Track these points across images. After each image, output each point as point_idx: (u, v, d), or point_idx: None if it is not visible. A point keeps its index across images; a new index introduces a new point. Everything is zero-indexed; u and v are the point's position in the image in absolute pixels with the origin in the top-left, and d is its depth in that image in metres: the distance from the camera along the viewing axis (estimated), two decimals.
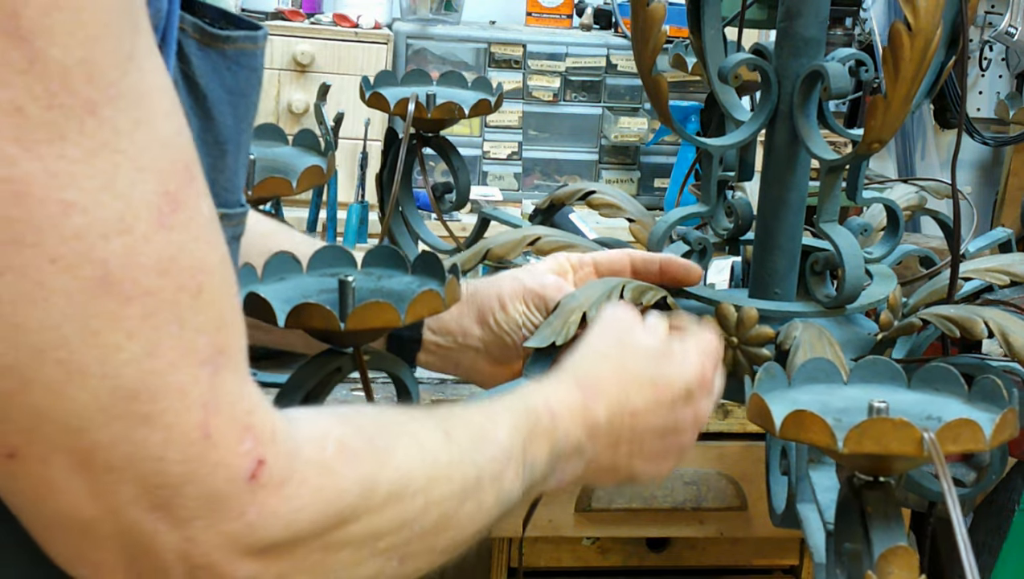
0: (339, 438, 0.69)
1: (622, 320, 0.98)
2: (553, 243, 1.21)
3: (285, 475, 0.64)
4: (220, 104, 0.74)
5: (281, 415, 0.67)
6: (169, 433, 0.60)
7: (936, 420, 0.80)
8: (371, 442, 0.71)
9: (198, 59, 0.72)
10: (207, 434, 0.61)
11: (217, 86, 0.73)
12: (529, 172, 3.25)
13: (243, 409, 0.63)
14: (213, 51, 0.73)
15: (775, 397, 0.85)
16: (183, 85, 0.72)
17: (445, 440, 0.76)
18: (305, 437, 0.67)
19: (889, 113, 1.05)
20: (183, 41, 0.71)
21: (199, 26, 0.72)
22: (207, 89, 0.73)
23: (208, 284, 0.62)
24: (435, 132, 1.40)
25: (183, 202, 0.61)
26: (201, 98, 0.73)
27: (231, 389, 0.63)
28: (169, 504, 0.61)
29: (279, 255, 0.94)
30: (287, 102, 2.65)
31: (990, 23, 3.06)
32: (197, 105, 0.73)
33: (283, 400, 0.91)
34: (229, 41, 0.74)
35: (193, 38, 0.72)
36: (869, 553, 0.77)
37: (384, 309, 0.84)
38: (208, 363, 0.62)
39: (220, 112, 0.74)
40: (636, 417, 0.92)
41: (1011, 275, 1.22)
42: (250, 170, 1.18)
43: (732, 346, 1.12)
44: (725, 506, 1.87)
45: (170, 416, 0.60)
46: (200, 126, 0.73)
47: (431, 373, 1.82)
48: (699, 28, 1.20)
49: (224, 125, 0.74)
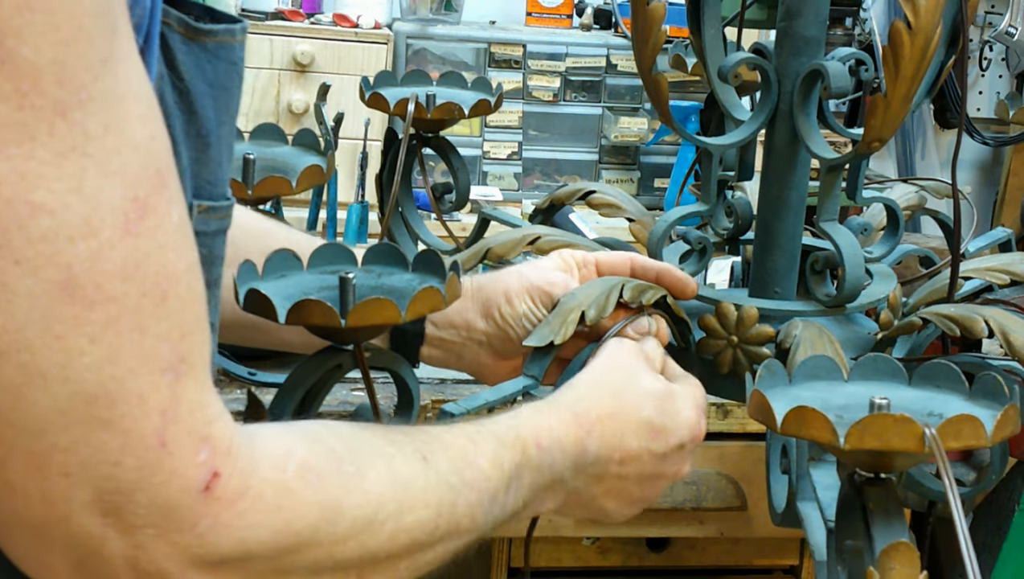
0: (303, 459, 0.68)
1: (629, 357, 0.97)
2: (553, 243, 1.21)
3: (240, 490, 0.64)
4: (203, 98, 0.74)
5: (243, 430, 0.66)
6: (126, 438, 0.60)
7: (937, 416, 0.80)
8: (340, 465, 0.70)
9: (183, 54, 0.72)
10: (163, 442, 0.61)
11: (200, 80, 0.73)
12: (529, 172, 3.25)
13: (202, 419, 0.63)
14: (196, 45, 0.73)
15: (776, 394, 0.85)
16: (168, 79, 0.72)
17: (423, 465, 0.75)
18: (266, 455, 0.66)
19: (889, 112, 1.05)
20: (168, 35, 0.71)
21: (183, 20, 0.72)
22: (191, 83, 0.73)
23: (173, 292, 0.62)
24: (435, 132, 1.40)
25: (152, 208, 0.61)
26: (185, 92, 0.73)
27: (191, 398, 0.62)
28: (120, 510, 0.61)
29: (280, 252, 0.94)
30: (287, 102, 2.66)
31: (990, 23, 3.06)
32: (181, 99, 0.73)
33: (282, 398, 0.91)
34: (210, 35, 0.73)
35: (178, 32, 0.72)
36: (870, 549, 0.77)
37: (385, 306, 0.84)
38: (169, 371, 0.61)
39: (203, 106, 0.74)
40: (625, 462, 0.91)
41: (1011, 274, 1.22)
42: (250, 170, 1.18)
43: (732, 345, 1.12)
44: (725, 506, 1.87)
45: (128, 421, 0.60)
46: (184, 120, 0.73)
47: (432, 372, 1.83)
48: (699, 28, 1.20)
49: (207, 119, 0.74)
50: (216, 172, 0.76)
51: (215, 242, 0.79)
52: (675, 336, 1.12)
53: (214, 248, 0.79)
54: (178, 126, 0.73)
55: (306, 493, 0.67)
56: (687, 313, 1.12)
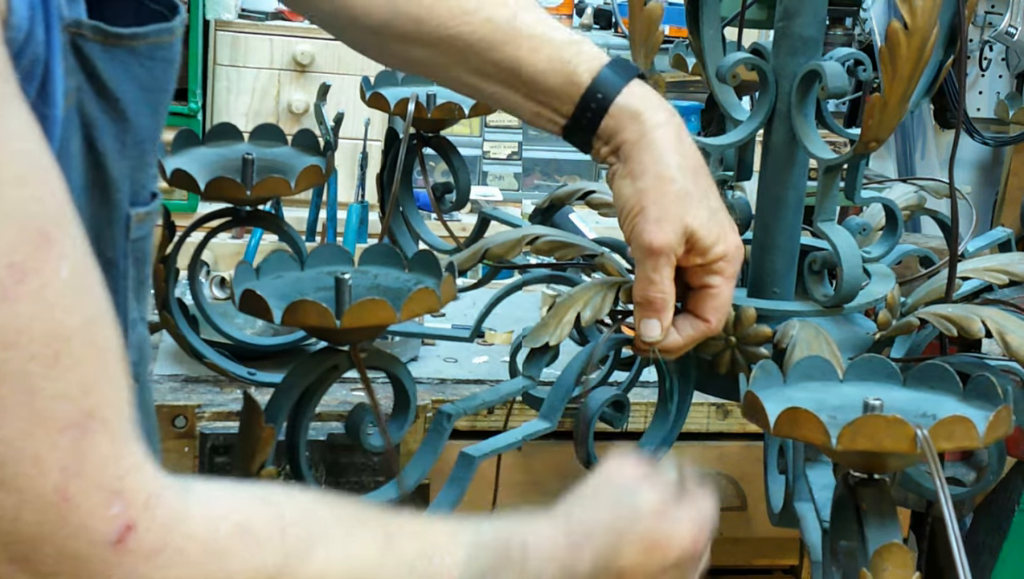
0: (242, 522, 0.67)
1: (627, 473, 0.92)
2: (553, 243, 1.21)
3: (158, 544, 0.63)
4: (136, 104, 0.73)
5: (178, 484, 0.66)
6: (21, 496, 0.60)
7: (930, 417, 0.80)
8: (284, 533, 0.68)
9: (104, 62, 0.71)
10: (66, 497, 0.61)
11: (131, 86, 0.72)
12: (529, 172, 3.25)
13: (114, 473, 0.62)
14: (121, 50, 0.72)
15: (770, 394, 0.85)
16: (90, 90, 0.71)
17: (383, 547, 0.73)
18: (199, 513, 0.65)
19: (886, 112, 1.05)
20: (85, 47, 0.70)
21: (100, 28, 0.71)
22: (119, 92, 0.72)
23: (66, 350, 0.61)
24: (435, 132, 1.40)
25: (33, 270, 0.60)
26: (114, 102, 0.72)
27: (101, 453, 0.62)
28: (28, 558, 0.61)
29: (276, 253, 0.94)
30: (287, 102, 2.66)
31: (990, 23, 3.06)
32: (111, 109, 0.72)
33: (279, 399, 0.91)
34: (138, 38, 0.72)
35: (95, 41, 0.71)
36: (864, 550, 0.77)
37: (380, 306, 0.84)
38: (72, 428, 0.61)
39: (136, 112, 0.73)
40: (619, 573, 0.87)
41: (1010, 275, 1.22)
42: (249, 170, 1.18)
43: (730, 346, 1.12)
44: (725, 506, 1.86)
45: (22, 480, 0.60)
46: (117, 129, 0.72)
47: (431, 372, 1.84)
48: (698, 28, 1.20)
49: (142, 125, 0.74)
50: (151, 173, 0.76)
51: (146, 243, 0.79)
52: None
53: (146, 249, 0.79)
54: (108, 139, 0.72)
55: (238, 554, 0.66)
56: None
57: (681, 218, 0.99)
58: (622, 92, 1.00)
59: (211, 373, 1.67)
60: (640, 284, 1.01)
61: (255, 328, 1.81)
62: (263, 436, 0.86)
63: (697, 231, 1.00)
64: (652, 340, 1.02)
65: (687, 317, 1.03)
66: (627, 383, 1.26)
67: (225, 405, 1.69)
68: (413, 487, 1.00)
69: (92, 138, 0.72)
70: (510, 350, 1.30)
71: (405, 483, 0.99)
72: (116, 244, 0.77)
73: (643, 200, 1.00)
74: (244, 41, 2.65)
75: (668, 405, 1.13)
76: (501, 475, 1.53)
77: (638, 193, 1.00)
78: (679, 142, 1.01)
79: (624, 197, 1.01)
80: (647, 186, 1.00)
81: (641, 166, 1.00)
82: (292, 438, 0.93)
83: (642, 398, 1.73)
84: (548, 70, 1.01)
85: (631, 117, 1.00)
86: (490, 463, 1.23)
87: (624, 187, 1.01)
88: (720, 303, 1.03)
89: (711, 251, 1.01)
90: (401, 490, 0.94)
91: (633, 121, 1.00)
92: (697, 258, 1.01)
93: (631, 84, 1.01)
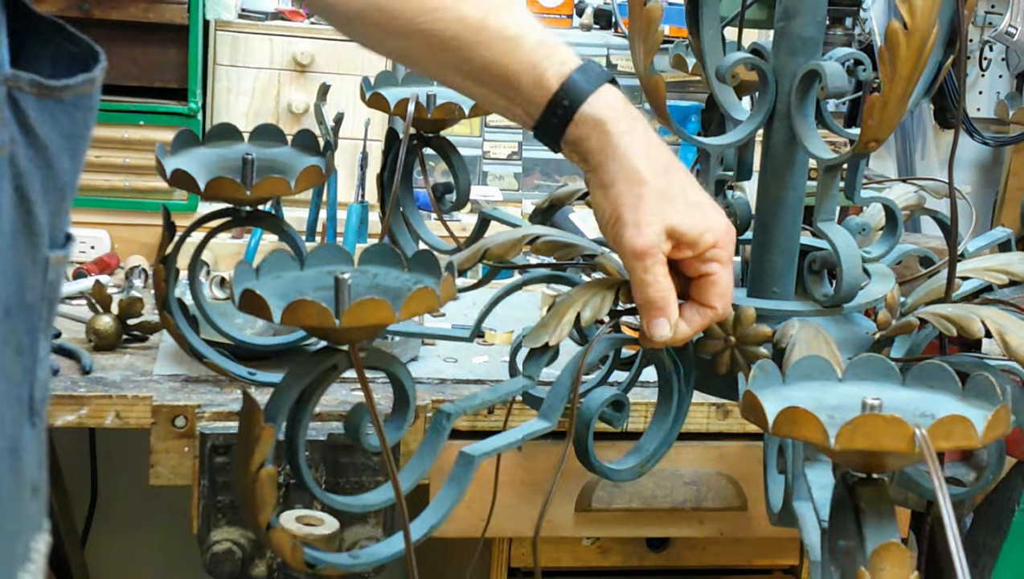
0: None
1: None
2: (553, 243, 1.21)
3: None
4: (59, 152, 0.75)
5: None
6: None
7: (929, 417, 0.81)
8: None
9: (36, 112, 0.73)
10: None
11: (56, 134, 0.74)
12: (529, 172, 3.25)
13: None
14: (50, 100, 0.74)
15: (769, 394, 0.85)
16: (23, 142, 0.72)
17: None
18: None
19: (886, 112, 1.05)
20: (20, 98, 0.72)
21: (36, 81, 0.73)
22: (47, 140, 0.74)
23: None
24: (435, 132, 1.40)
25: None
26: (42, 150, 0.74)
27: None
28: None
29: (276, 253, 0.94)
30: (287, 102, 2.65)
31: (990, 23, 3.05)
32: (38, 157, 0.74)
33: (278, 399, 0.91)
34: (66, 89, 0.74)
35: (31, 93, 0.73)
36: (862, 549, 0.77)
37: (379, 306, 0.84)
38: None
39: (59, 159, 0.75)
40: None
41: (1010, 274, 1.22)
42: (249, 170, 1.18)
43: (730, 345, 1.12)
44: (725, 506, 1.87)
45: None
46: (42, 177, 0.74)
47: (430, 372, 1.84)
48: (698, 28, 1.20)
49: (63, 171, 0.75)
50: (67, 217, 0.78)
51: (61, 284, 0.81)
52: None
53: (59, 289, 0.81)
54: (35, 186, 0.74)
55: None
56: None
57: (660, 218, 1.00)
58: (588, 100, 1.02)
59: (211, 373, 1.67)
60: (638, 289, 1.02)
61: (255, 328, 1.81)
62: (262, 435, 0.86)
63: (679, 227, 1.01)
64: (663, 339, 1.03)
65: (692, 306, 1.04)
66: (627, 383, 1.26)
67: (225, 405, 1.69)
68: (412, 487, 1.00)
69: (22, 187, 0.74)
70: (510, 350, 1.30)
71: (405, 483, 0.99)
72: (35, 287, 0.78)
73: (618, 207, 1.01)
74: (244, 41, 2.64)
75: (668, 405, 1.13)
76: (501, 475, 1.53)
77: (612, 201, 1.02)
78: (646, 145, 1.02)
79: (600, 208, 1.03)
80: (619, 193, 1.01)
81: (610, 175, 1.01)
82: (291, 437, 0.93)
83: (642, 398, 1.73)
84: (519, 72, 1.02)
85: (595, 125, 1.01)
86: (490, 463, 1.23)
87: (598, 198, 1.03)
88: (722, 289, 1.04)
89: (700, 242, 1.02)
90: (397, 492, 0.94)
91: (597, 130, 1.02)
92: (688, 251, 1.02)
93: (599, 91, 1.02)
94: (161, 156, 1.21)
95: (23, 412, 0.81)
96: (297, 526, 1.52)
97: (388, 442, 0.93)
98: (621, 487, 1.82)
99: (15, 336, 0.78)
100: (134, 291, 2.08)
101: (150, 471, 1.71)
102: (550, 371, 1.08)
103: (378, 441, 0.93)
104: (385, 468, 1.30)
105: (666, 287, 1.01)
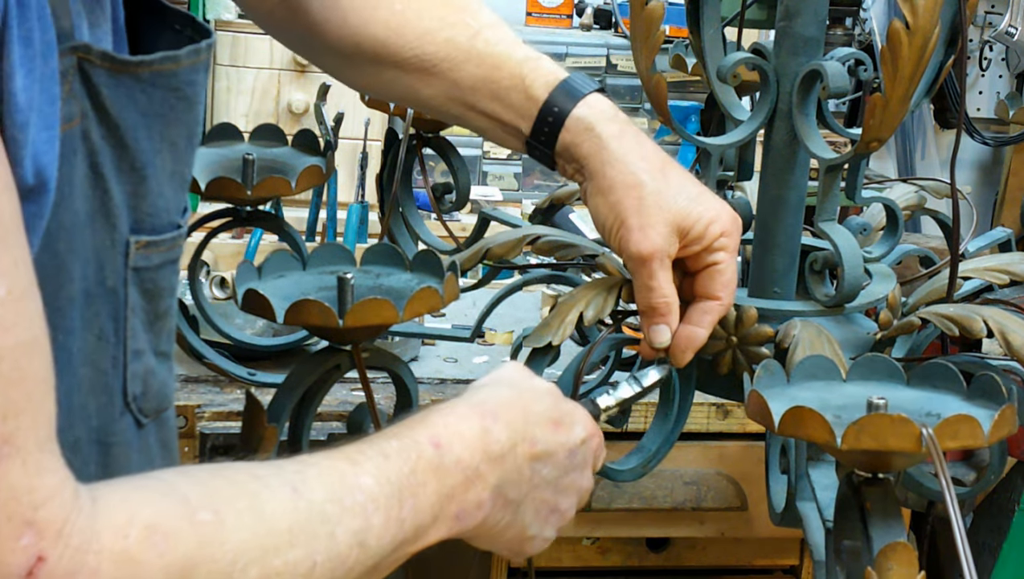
0: (148, 521, 0.66)
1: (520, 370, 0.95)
2: (553, 243, 1.21)
3: (71, 569, 0.62)
4: (134, 130, 0.73)
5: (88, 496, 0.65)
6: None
7: (935, 417, 0.80)
8: (193, 517, 0.68)
9: (109, 88, 0.72)
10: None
11: (132, 112, 0.73)
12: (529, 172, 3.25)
13: (27, 503, 0.62)
14: (127, 76, 0.73)
15: (774, 394, 0.85)
16: (94, 116, 0.71)
17: (292, 498, 0.72)
18: (107, 524, 0.65)
19: (887, 112, 1.05)
20: (91, 72, 0.71)
21: (108, 55, 0.72)
22: (119, 117, 0.72)
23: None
24: (435, 132, 1.40)
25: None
26: (114, 127, 0.72)
27: (13, 482, 0.61)
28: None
29: (278, 253, 0.94)
30: (287, 102, 2.66)
31: (990, 23, 3.06)
32: (110, 135, 0.72)
33: (281, 398, 0.91)
34: (143, 65, 0.73)
35: (103, 67, 0.71)
36: (868, 549, 0.77)
37: (382, 306, 0.84)
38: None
39: (134, 138, 0.73)
40: (535, 452, 0.88)
41: (1011, 274, 1.22)
42: (249, 170, 1.18)
43: (732, 345, 1.12)
44: (725, 506, 1.87)
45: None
46: (115, 155, 0.73)
47: (431, 372, 1.84)
48: (698, 28, 1.20)
49: (140, 150, 0.74)
50: (157, 203, 0.76)
51: (160, 275, 0.78)
52: None
53: (159, 280, 0.78)
54: (108, 163, 0.72)
55: (150, 557, 0.65)
56: None
57: (664, 218, 1.00)
58: (577, 105, 1.02)
59: (211, 373, 1.67)
60: (641, 293, 1.01)
61: (255, 328, 1.81)
62: (266, 435, 0.86)
63: (684, 221, 1.00)
64: (662, 345, 1.03)
65: (696, 307, 1.03)
66: None
67: (225, 405, 1.69)
68: None
69: (97, 164, 0.73)
70: (510, 350, 1.30)
71: None
72: (117, 271, 0.76)
73: (621, 213, 1.01)
74: (244, 41, 2.65)
75: (669, 405, 1.13)
76: None
77: (613, 208, 1.01)
78: (639, 146, 1.02)
79: (602, 215, 1.02)
80: (619, 198, 1.01)
81: (608, 181, 1.01)
82: (295, 437, 0.93)
83: (642, 398, 1.73)
84: (509, 87, 1.03)
85: (586, 130, 1.01)
86: None
87: (599, 205, 1.02)
88: (728, 278, 1.03)
89: (708, 232, 1.01)
90: None
91: (588, 134, 1.01)
92: (696, 246, 1.01)
93: (587, 98, 1.02)
94: None
95: (113, 404, 0.78)
96: None
97: None
98: (621, 487, 1.82)
99: (97, 321, 0.76)
100: None
101: None
102: (550, 371, 1.07)
103: None
104: None
105: (670, 293, 1.01)
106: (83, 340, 0.75)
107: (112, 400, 0.78)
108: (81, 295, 0.74)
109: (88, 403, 0.77)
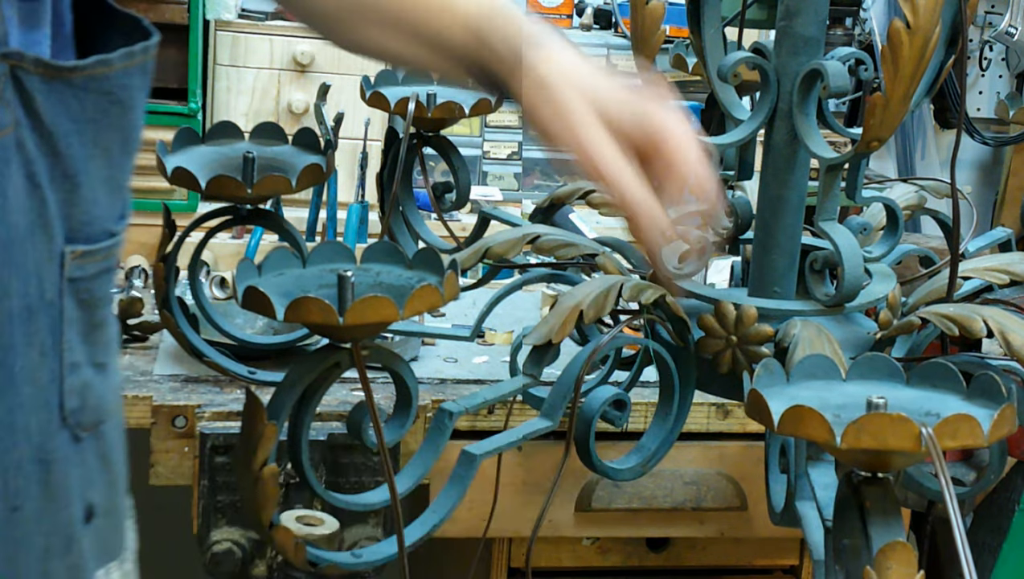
0: None
1: None
2: (553, 242, 1.21)
3: None
4: (67, 137, 0.72)
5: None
6: None
7: (934, 416, 0.80)
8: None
9: (43, 95, 0.71)
10: None
11: (63, 118, 0.71)
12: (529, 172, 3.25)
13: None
14: (60, 82, 0.71)
15: (773, 393, 0.85)
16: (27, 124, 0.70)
17: None
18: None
19: (888, 111, 1.05)
20: (25, 79, 0.70)
21: (41, 61, 0.70)
22: (53, 124, 0.71)
23: None
24: (435, 132, 1.40)
25: None
26: (47, 135, 0.71)
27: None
28: None
29: (278, 250, 0.94)
30: (287, 102, 2.65)
31: (990, 23, 3.06)
32: (43, 143, 0.71)
33: (280, 397, 0.90)
34: (76, 70, 0.72)
35: (36, 74, 0.70)
36: (868, 549, 0.77)
37: (382, 304, 0.84)
38: None
39: (67, 145, 0.72)
40: None
41: (1011, 274, 1.22)
42: (249, 169, 1.18)
43: (731, 345, 1.12)
44: (725, 506, 1.87)
45: None
46: (49, 163, 0.71)
47: (431, 372, 1.84)
48: (699, 28, 1.20)
49: (72, 157, 0.72)
50: (91, 211, 0.74)
51: (96, 285, 0.77)
52: (673, 336, 1.12)
53: (95, 290, 0.77)
54: (43, 172, 0.71)
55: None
56: (686, 312, 1.12)
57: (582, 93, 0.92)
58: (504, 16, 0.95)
59: (211, 373, 1.67)
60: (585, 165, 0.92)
61: (255, 327, 1.81)
62: (265, 433, 0.86)
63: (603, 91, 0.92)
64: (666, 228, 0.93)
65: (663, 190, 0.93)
66: (628, 382, 1.26)
67: (225, 405, 1.69)
68: (414, 486, 1.00)
69: (33, 173, 0.71)
70: (510, 350, 1.30)
71: (406, 482, 0.99)
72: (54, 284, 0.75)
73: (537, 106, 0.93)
74: (244, 41, 2.64)
75: (669, 405, 1.13)
76: (501, 475, 1.53)
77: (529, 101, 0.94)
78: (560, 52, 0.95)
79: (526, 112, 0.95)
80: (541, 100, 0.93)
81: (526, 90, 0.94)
82: (294, 436, 0.92)
83: (642, 398, 1.73)
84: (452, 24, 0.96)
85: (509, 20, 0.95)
86: (490, 462, 1.23)
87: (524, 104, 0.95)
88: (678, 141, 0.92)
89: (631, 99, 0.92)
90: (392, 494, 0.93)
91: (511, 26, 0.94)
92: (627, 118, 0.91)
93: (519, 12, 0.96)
94: (162, 154, 1.21)
95: (52, 420, 0.77)
96: (297, 526, 1.52)
97: (389, 441, 0.92)
98: (621, 487, 1.82)
99: (39, 337, 0.75)
100: (134, 291, 2.08)
101: (150, 471, 1.71)
102: (550, 371, 1.07)
103: None
104: None
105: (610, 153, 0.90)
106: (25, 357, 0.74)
107: (51, 416, 0.77)
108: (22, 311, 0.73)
109: (30, 422, 0.75)
